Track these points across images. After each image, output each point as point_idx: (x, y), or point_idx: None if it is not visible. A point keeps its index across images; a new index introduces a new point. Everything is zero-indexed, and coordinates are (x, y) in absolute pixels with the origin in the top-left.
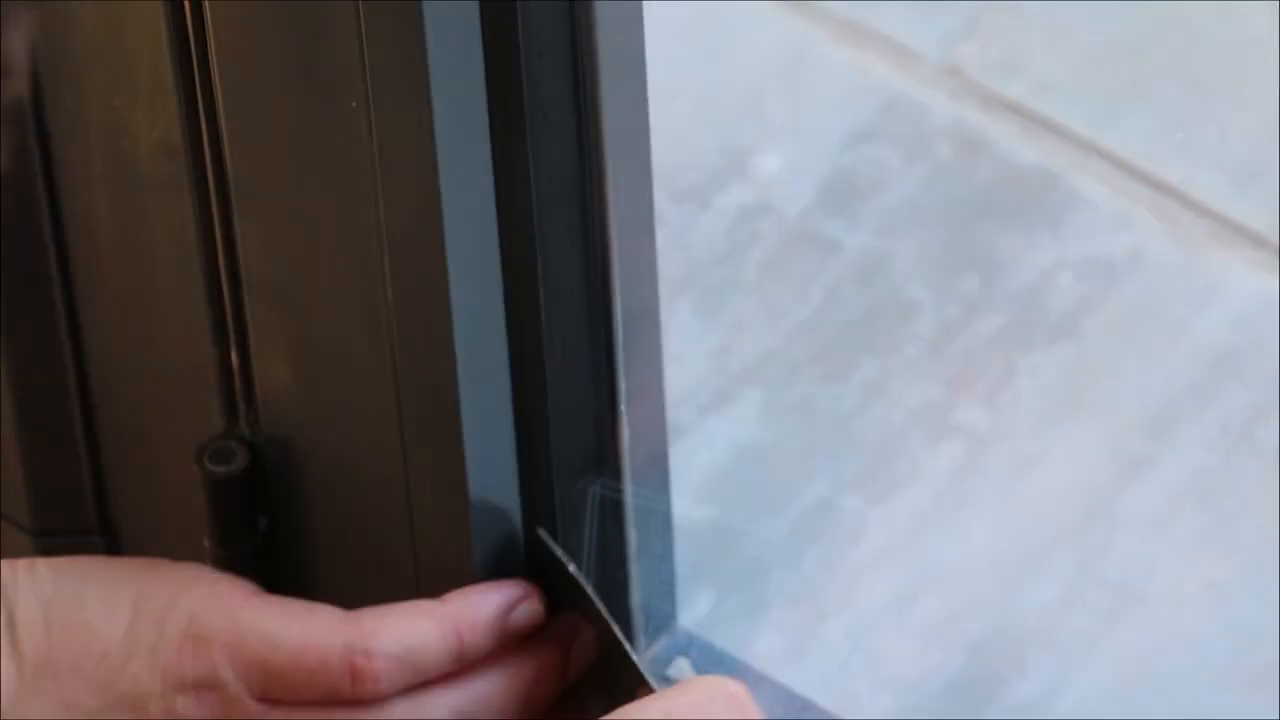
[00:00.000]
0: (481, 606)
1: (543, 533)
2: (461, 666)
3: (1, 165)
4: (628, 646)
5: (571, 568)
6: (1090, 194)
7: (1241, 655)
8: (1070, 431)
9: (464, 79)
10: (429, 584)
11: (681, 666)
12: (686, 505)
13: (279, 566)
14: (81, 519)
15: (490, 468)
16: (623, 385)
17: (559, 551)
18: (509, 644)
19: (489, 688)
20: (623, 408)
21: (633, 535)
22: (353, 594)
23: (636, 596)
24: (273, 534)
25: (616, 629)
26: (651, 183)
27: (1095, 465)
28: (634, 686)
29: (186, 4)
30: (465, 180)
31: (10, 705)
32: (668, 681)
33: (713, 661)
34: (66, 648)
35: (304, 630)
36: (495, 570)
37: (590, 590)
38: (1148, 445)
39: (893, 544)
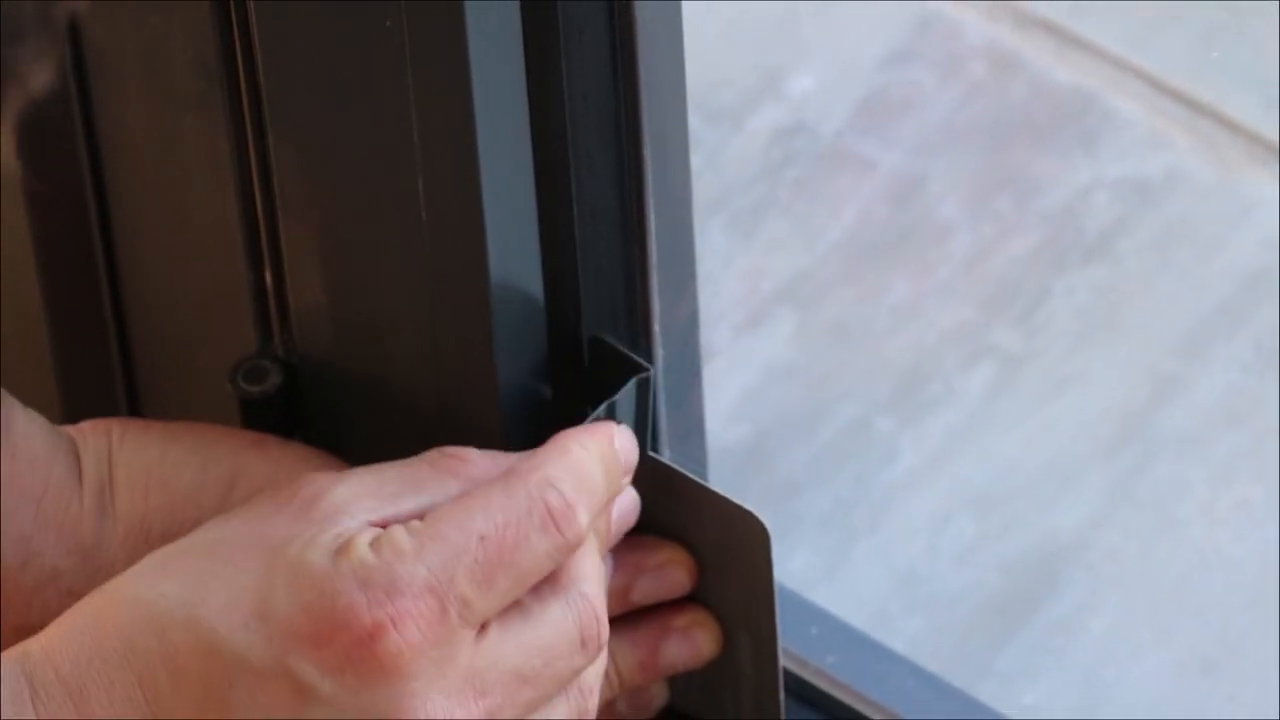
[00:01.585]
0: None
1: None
2: None
3: (38, 86)
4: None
5: (648, 451)
6: (1125, 113)
7: (1275, 574)
8: (1104, 352)
9: None
10: None
11: None
12: (720, 426)
13: None
14: None
15: (524, 388)
16: (656, 306)
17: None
18: None
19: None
20: (656, 329)
21: (667, 456)
22: None
23: None
24: None
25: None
26: (686, 103)
27: (1129, 385)
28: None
29: None
30: (499, 99)
31: (99, 562)
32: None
33: None
34: (160, 513)
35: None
36: None
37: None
38: (1181, 365)
39: (926, 465)
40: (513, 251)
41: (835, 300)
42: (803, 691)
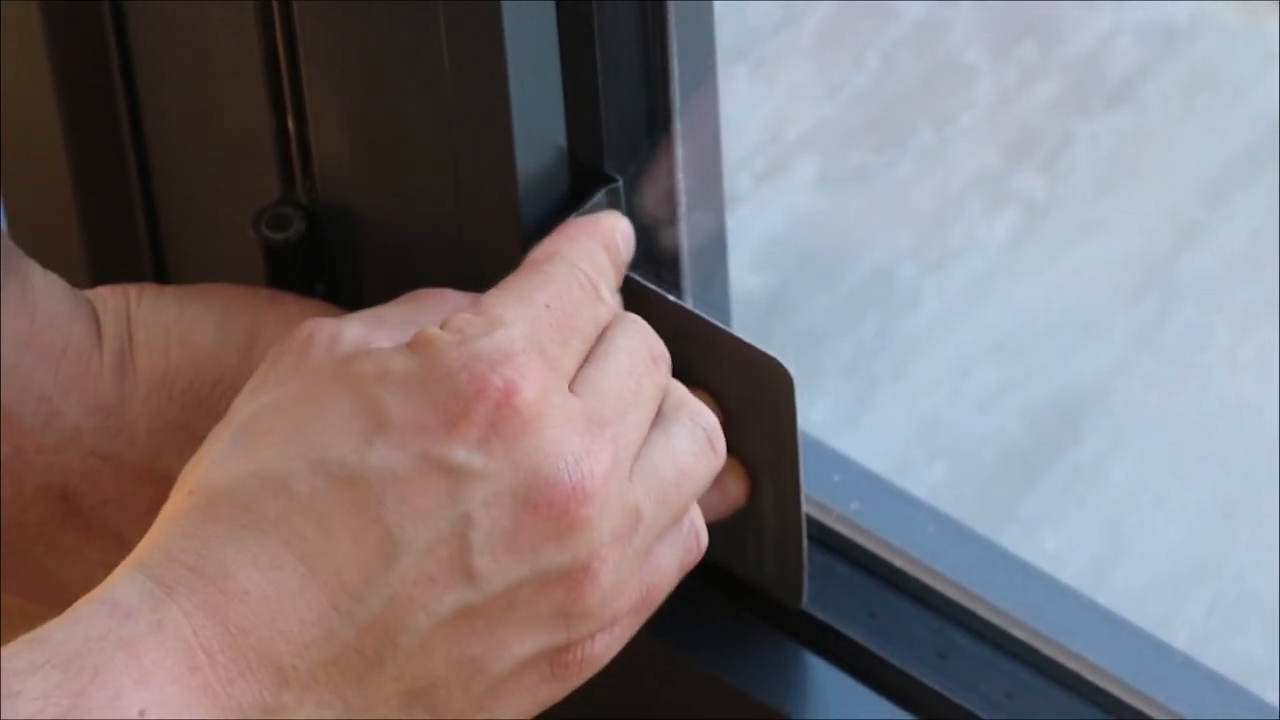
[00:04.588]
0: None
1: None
2: None
3: None
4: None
5: (672, 298)
6: None
7: None
8: (1127, 198)
9: None
10: None
11: None
12: (743, 273)
13: None
14: None
15: (546, 234)
16: (679, 153)
17: (654, 285)
18: None
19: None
20: (679, 176)
21: (690, 303)
22: None
23: None
24: (329, 301)
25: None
26: None
27: (1151, 231)
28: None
29: None
30: None
31: (121, 420)
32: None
33: None
34: (182, 370)
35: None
36: None
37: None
38: (1204, 211)
39: (948, 312)
40: (535, 98)
41: (858, 147)
42: (825, 538)
